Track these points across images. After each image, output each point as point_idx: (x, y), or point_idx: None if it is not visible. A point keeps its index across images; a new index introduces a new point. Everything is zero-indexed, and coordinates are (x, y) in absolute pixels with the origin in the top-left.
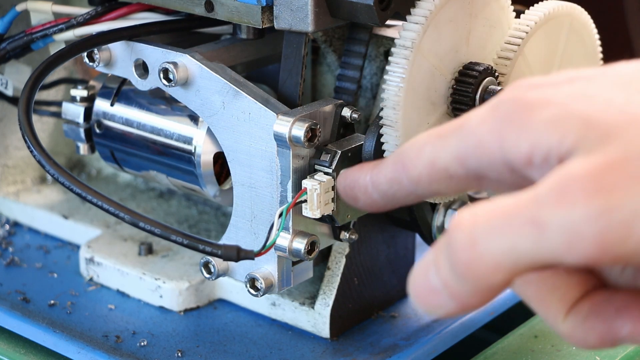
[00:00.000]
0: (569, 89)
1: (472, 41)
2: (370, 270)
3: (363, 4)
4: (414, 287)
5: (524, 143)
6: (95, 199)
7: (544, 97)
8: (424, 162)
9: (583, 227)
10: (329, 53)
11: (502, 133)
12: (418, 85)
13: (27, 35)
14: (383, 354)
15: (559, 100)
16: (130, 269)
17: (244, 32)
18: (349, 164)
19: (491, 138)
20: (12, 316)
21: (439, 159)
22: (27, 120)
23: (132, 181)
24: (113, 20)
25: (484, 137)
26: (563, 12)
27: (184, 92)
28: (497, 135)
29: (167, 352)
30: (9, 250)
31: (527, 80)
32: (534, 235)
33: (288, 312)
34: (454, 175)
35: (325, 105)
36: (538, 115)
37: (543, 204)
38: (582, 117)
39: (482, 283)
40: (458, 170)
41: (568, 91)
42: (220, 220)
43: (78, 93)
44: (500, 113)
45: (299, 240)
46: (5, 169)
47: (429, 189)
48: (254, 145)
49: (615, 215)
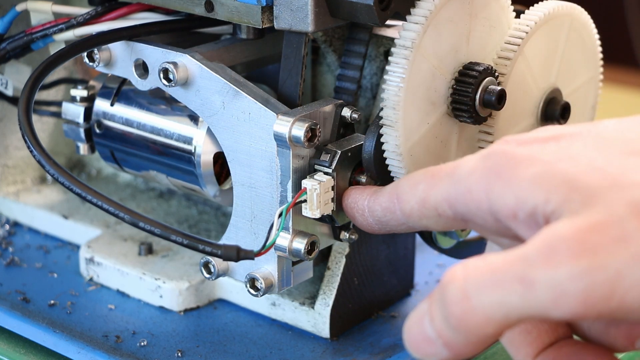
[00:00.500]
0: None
1: (472, 41)
2: (370, 270)
3: (363, 4)
4: (409, 335)
5: (510, 197)
6: (95, 199)
7: (531, 154)
8: (416, 198)
9: (568, 286)
10: (329, 53)
11: (489, 184)
12: (418, 85)
13: (27, 35)
14: (383, 354)
15: (544, 159)
16: (130, 269)
17: (244, 32)
18: (349, 164)
19: (479, 187)
20: (12, 316)
21: (430, 197)
22: (27, 120)
23: (132, 181)
24: (113, 20)
25: (472, 186)
26: (563, 12)
27: (184, 92)
28: (484, 185)
29: (167, 352)
30: (9, 250)
31: (517, 136)
32: (523, 292)
33: (288, 312)
34: (442, 215)
35: (325, 105)
36: (524, 171)
37: (531, 263)
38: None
39: (474, 334)
40: (447, 211)
41: (553, 149)
42: (220, 220)
43: (78, 93)
44: (489, 164)
45: (299, 240)
46: (5, 169)
47: (419, 223)
48: (254, 145)
49: (598, 275)
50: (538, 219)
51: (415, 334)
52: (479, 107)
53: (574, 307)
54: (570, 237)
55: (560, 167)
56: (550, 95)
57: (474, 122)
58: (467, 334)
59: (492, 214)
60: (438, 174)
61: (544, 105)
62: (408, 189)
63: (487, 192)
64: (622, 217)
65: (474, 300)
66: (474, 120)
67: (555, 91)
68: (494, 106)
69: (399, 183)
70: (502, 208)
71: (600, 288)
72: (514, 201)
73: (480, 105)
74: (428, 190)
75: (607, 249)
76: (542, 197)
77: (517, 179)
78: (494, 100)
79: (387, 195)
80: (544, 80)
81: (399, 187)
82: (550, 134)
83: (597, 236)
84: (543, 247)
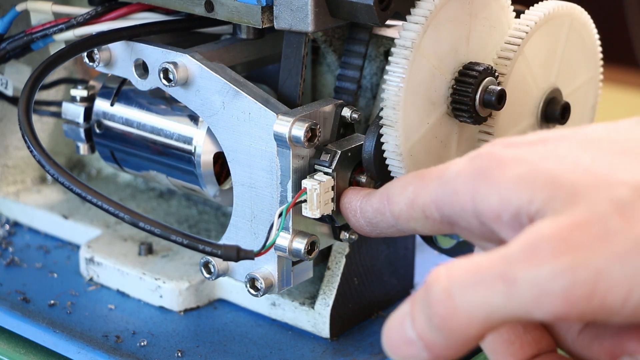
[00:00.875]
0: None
1: (472, 41)
2: (370, 270)
3: (363, 4)
4: (388, 337)
5: (494, 198)
6: (95, 199)
7: (516, 155)
8: (405, 199)
9: (550, 284)
10: (329, 53)
11: (474, 186)
12: (418, 85)
13: (27, 35)
14: (383, 354)
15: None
16: (130, 269)
17: (244, 32)
18: (349, 164)
19: (465, 189)
20: (12, 316)
21: (419, 199)
22: (27, 120)
23: (132, 181)
24: (113, 20)
25: (458, 187)
26: (563, 12)
27: (184, 92)
28: (470, 187)
29: (167, 352)
30: (9, 250)
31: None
32: (505, 291)
33: (288, 312)
34: (429, 217)
35: (325, 105)
36: (509, 172)
37: (514, 262)
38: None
39: (457, 335)
40: (434, 213)
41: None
42: (220, 220)
43: (78, 93)
44: (475, 166)
45: (299, 240)
46: (5, 169)
47: (407, 225)
48: (254, 145)
49: (579, 273)
50: (522, 220)
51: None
52: (479, 107)
53: (556, 306)
54: (552, 236)
55: (545, 167)
56: (550, 95)
57: (474, 122)
58: (450, 334)
59: (476, 216)
60: (428, 175)
61: (544, 105)
62: (398, 191)
63: (472, 194)
64: (605, 214)
65: (458, 299)
66: (474, 120)
67: (555, 91)
68: (494, 106)
69: (390, 184)
70: (486, 209)
71: (581, 286)
72: (497, 202)
73: (480, 105)
74: (417, 192)
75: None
76: (526, 197)
77: (502, 180)
78: (494, 100)
79: (379, 196)
80: (544, 80)
81: (390, 189)
82: (538, 137)
83: (579, 234)
84: (525, 246)
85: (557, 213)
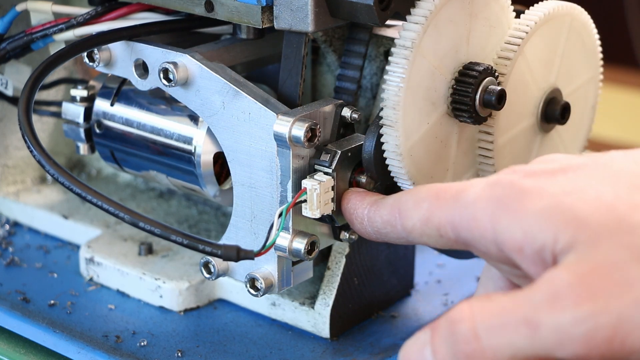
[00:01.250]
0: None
1: (472, 41)
2: (370, 270)
3: (363, 4)
4: None
5: (518, 231)
6: (95, 199)
7: (538, 187)
8: (419, 215)
9: (572, 329)
10: (329, 53)
11: (495, 215)
12: (418, 85)
13: (27, 35)
14: (383, 354)
15: (552, 191)
16: (130, 269)
17: (244, 32)
18: (349, 164)
19: (484, 216)
20: (12, 316)
21: (434, 218)
22: (27, 120)
23: (132, 181)
24: (113, 20)
25: (477, 214)
26: (563, 12)
27: (184, 92)
28: (490, 215)
29: (167, 352)
30: (9, 250)
31: (525, 166)
32: (530, 334)
33: (288, 312)
34: (444, 236)
35: (325, 105)
36: (532, 205)
37: (537, 307)
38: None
39: None
40: (449, 233)
41: (561, 182)
42: (220, 220)
43: (78, 93)
44: (496, 194)
45: (299, 240)
46: (5, 169)
47: (419, 239)
48: (254, 145)
49: (601, 319)
50: (545, 256)
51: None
52: (479, 107)
53: (577, 349)
54: (574, 282)
55: (568, 202)
56: (550, 95)
57: (474, 122)
58: None
59: (496, 244)
60: (443, 195)
61: (544, 105)
62: (411, 205)
63: (492, 223)
64: (626, 261)
65: (484, 340)
66: (474, 120)
67: (555, 91)
68: (494, 106)
69: (401, 197)
70: (508, 241)
71: (602, 331)
72: (521, 236)
73: (480, 105)
74: (432, 210)
75: (610, 294)
76: (550, 235)
77: (525, 213)
78: (494, 100)
79: (389, 208)
80: (544, 80)
81: (401, 202)
82: (558, 166)
83: (599, 280)
84: (548, 292)
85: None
